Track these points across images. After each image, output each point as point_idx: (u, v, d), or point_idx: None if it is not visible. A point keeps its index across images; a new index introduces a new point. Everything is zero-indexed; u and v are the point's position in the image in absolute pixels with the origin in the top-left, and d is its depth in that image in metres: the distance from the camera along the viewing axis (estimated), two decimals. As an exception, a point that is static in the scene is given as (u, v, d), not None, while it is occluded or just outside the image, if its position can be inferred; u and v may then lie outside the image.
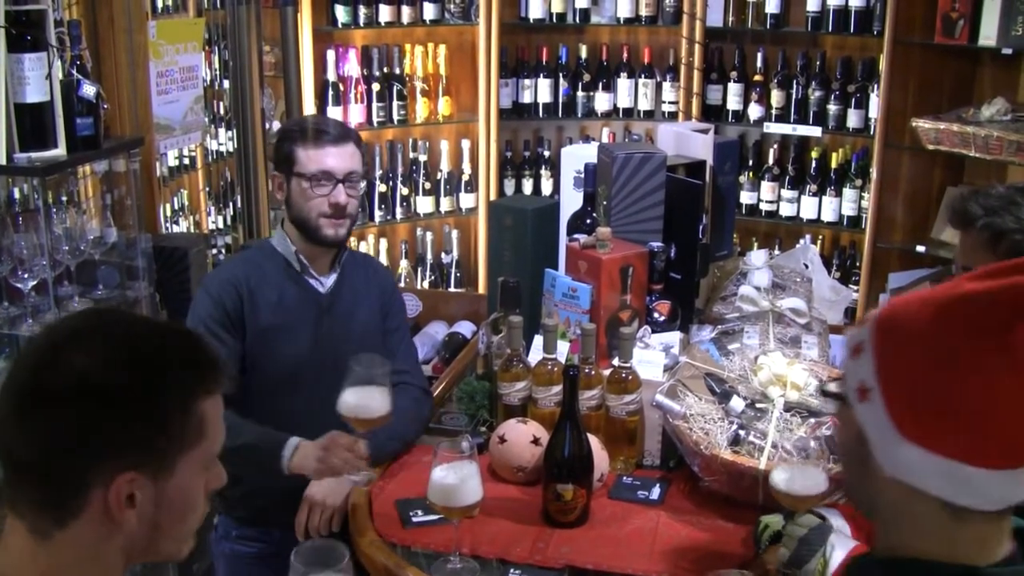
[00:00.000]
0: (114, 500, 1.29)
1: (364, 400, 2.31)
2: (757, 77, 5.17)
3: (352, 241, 5.25)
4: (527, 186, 5.52)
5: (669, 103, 5.31)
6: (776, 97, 5.10)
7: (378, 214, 5.28)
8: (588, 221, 2.96)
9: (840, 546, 1.95)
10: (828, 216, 5.08)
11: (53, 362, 1.30)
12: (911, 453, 1.23)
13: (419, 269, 5.46)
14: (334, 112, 5.02)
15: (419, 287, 5.25)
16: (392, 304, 2.88)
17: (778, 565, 1.99)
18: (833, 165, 5.07)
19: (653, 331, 2.74)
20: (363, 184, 2.76)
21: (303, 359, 2.66)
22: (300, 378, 2.64)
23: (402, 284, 5.23)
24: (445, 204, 5.43)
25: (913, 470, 1.24)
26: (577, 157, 3.14)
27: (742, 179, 5.17)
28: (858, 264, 5.04)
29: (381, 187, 5.27)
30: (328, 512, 2.44)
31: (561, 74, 5.41)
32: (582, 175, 3.04)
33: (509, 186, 5.51)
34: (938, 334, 1.23)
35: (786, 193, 5.17)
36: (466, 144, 5.40)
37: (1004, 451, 1.22)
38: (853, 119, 4.94)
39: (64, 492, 1.29)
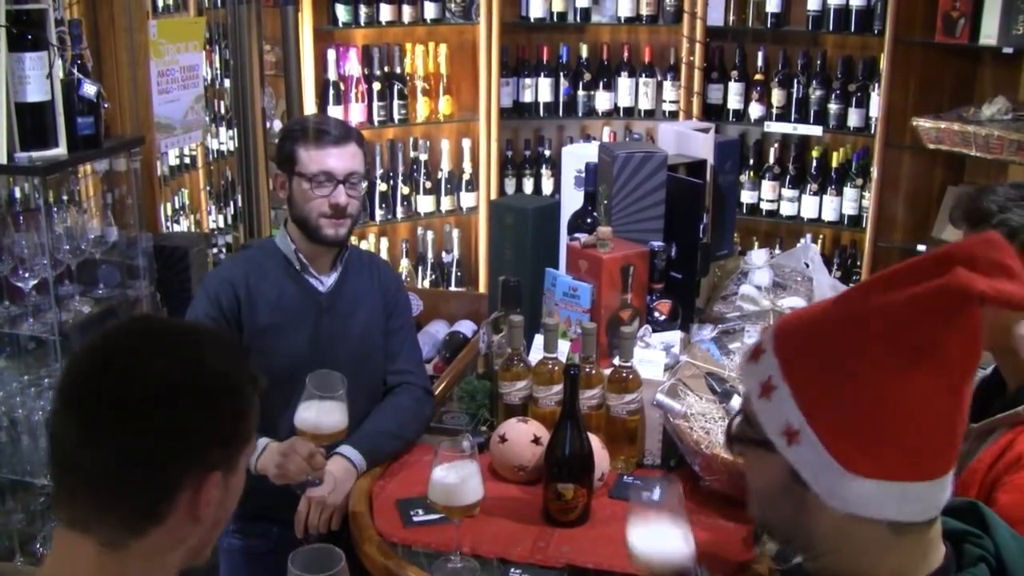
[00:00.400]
0: (204, 500, 1.30)
1: (320, 416, 2.32)
2: (758, 76, 5.17)
3: (353, 240, 5.26)
4: (528, 185, 5.52)
5: (670, 102, 5.31)
6: (777, 96, 5.10)
7: (379, 213, 5.29)
8: (589, 220, 2.96)
9: None
10: (829, 215, 5.08)
11: (131, 371, 1.27)
12: (863, 487, 1.20)
13: (420, 268, 5.46)
14: (335, 111, 5.02)
15: (420, 286, 5.25)
16: (396, 304, 2.86)
17: (769, 561, 1.99)
18: (834, 164, 5.07)
19: (654, 330, 2.74)
20: (365, 184, 2.76)
21: (302, 358, 2.63)
22: (299, 377, 2.62)
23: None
24: (446, 203, 5.43)
25: (866, 501, 1.20)
26: (578, 156, 3.14)
27: (743, 178, 5.17)
28: (859, 263, 5.04)
29: (382, 186, 5.27)
30: (328, 510, 2.44)
31: (562, 73, 5.41)
32: (583, 174, 3.04)
33: (510, 185, 5.51)
34: (864, 357, 1.19)
35: (787, 192, 5.17)
36: (467, 143, 5.41)
37: (942, 459, 1.21)
38: (854, 118, 4.94)
39: (153, 499, 1.27)
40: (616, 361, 2.53)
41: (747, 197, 5.22)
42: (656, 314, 2.80)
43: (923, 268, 1.19)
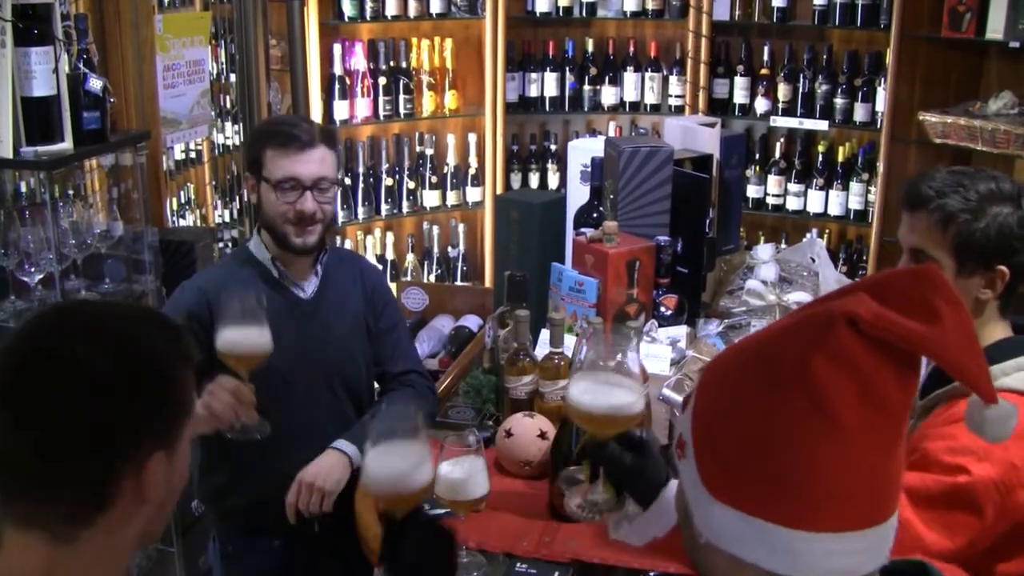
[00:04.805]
0: (149, 482, 1.29)
1: (242, 336, 2.26)
2: (764, 71, 5.16)
3: (358, 235, 5.27)
4: (533, 180, 5.52)
5: (675, 97, 5.30)
6: (783, 91, 5.09)
7: (384, 208, 5.29)
8: (595, 215, 2.96)
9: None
10: (835, 210, 5.08)
11: (54, 360, 1.27)
12: (723, 515, 1.12)
13: (425, 263, 5.46)
14: (340, 106, 5.02)
15: (425, 281, 5.25)
16: (384, 305, 2.81)
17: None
18: (840, 159, 5.06)
19: (660, 325, 2.74)
20: (336, 189, 2.61)
21: (288, 366, 2.55)
22: (287, 388, 2.56)
23: (408, 278, 5.23)
24: (451, 198, 5.43)
25: (727, 534, 1.13)
26: (584, 151, 3.14)
27: (748, 173, 5.16)
28: (865, 258, 5.03)
29: (387, 181, 5.27)
30: (318, 494, 2.44)
31: (567, 68, 5.41)
32: (589, 169, 3.04)
33: (515, 180, 5.51)
34: (742, 382, 1.13)
35: (792, 187, 5.16)
36: (472, 138, 5.41)
37: (823, 511, 1.09)
38: (860, 113, 4.93)
39: (94, 488, 1.27)
40: (622, 356, 2.53)
41: (753, 192, 5.22)
42: (662, 309, 2.80)
43: (830, 295, 1.13)
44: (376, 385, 2.87)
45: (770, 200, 5.22)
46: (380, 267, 5.30)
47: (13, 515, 1.28)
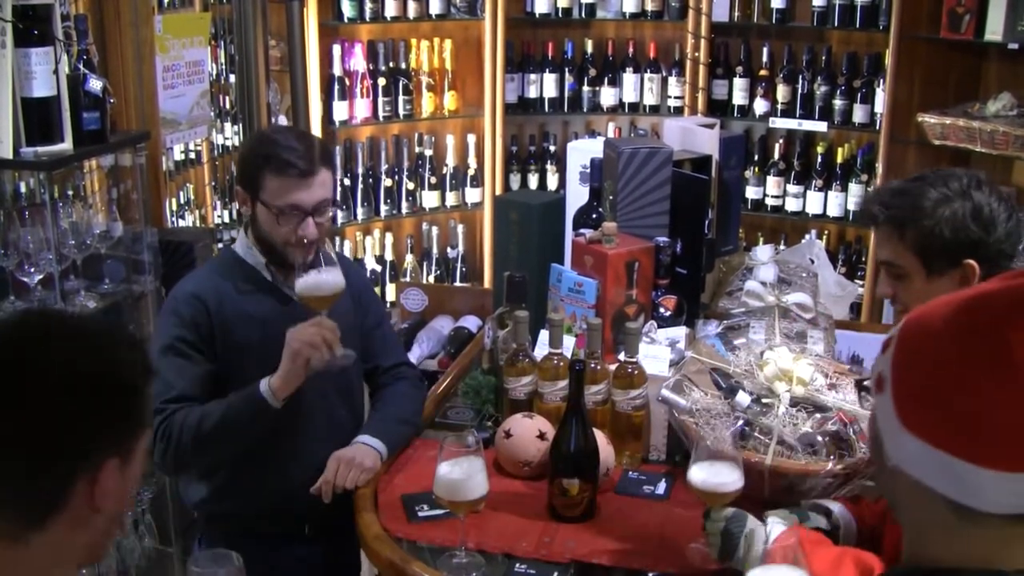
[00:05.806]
0: (101, 489, 1.32)
1: (318, 278, 2.42)
2: (763, 72, 5.16)
3: (357, 236, 5.27)
4: (533, 181, 5.52)
5: (675, 98, 5.31)
6: (782, 92, 5.10)
7: (383, 208, 5.29)
8: (594, 216, 2.97)
9: (777, 529, 1.98)
10: (834, 211, 5.08)
11: (19, 360, 1.31)
12: (910, 443, 1.24)
13: (424, 264, 5.46)
14: (340, 107, 5.02)
15: (424, 282, 5.25)
16: (369, 303, 2.82)
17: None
18: (839, 160, 5.06)
19: (659, 326, 2.74)
20: (332, 210, 2.63)
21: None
22: None
23: (407, 279, 5.24)
24: (451, 199, 5.43)
25: (911, 460, 1.24)
26: (583, 152, 3.14)
27: (748, 174, 5.16)
28: (864, 259, 5.03)
29: (387, 181, 5.28)
30: (357, 469, 2.43)
31: (567, 69, 5.41)
32: (588, 170, 3.04)
33: (515, 181, 5.51)
34: (947, 331, 1.24)
35: (792, 188, 5.17)
36: (472, 139, 5.41)
37: (1000, 452, 1.19)
38: (859, 114, 4.93)
39: (54, 488, 1.30)
40: (621, 357, 2.53)
41: (752, 193, 5.22)
42: (661, 310, 2.80)
43: None
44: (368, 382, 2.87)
45: (769, 201, 5.22)
46: (379, 268, 5.31)
47: None
